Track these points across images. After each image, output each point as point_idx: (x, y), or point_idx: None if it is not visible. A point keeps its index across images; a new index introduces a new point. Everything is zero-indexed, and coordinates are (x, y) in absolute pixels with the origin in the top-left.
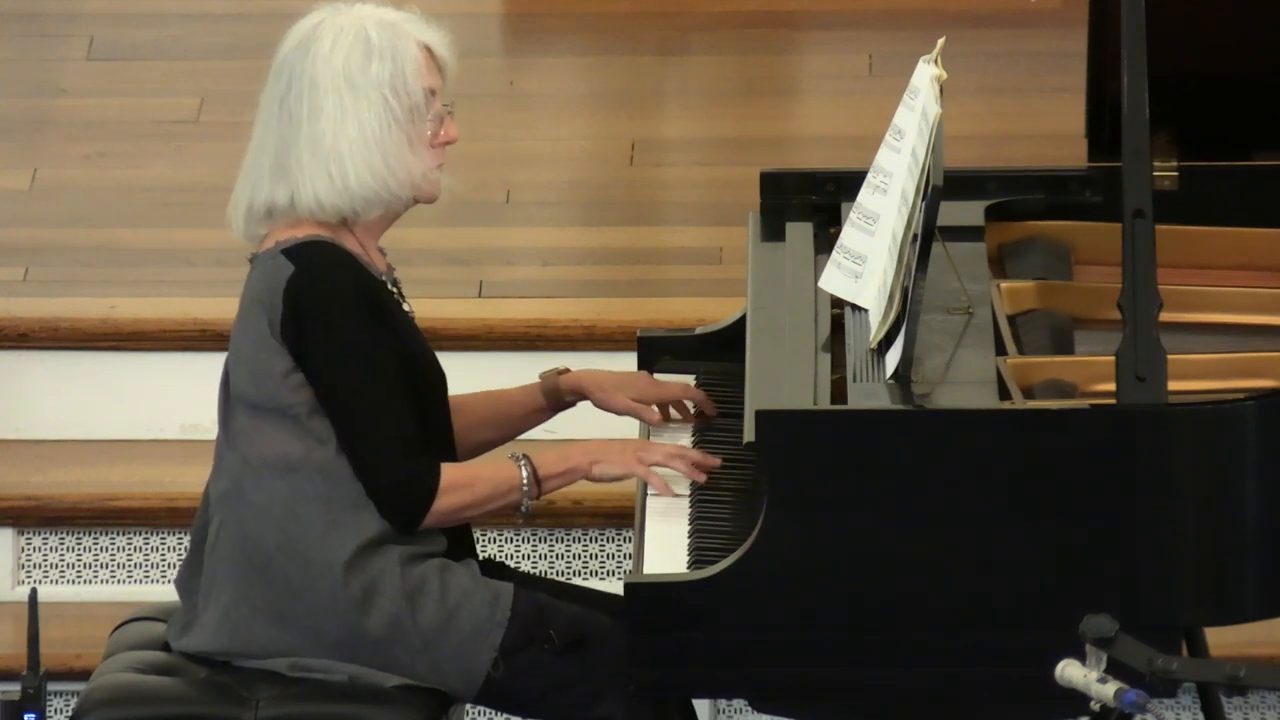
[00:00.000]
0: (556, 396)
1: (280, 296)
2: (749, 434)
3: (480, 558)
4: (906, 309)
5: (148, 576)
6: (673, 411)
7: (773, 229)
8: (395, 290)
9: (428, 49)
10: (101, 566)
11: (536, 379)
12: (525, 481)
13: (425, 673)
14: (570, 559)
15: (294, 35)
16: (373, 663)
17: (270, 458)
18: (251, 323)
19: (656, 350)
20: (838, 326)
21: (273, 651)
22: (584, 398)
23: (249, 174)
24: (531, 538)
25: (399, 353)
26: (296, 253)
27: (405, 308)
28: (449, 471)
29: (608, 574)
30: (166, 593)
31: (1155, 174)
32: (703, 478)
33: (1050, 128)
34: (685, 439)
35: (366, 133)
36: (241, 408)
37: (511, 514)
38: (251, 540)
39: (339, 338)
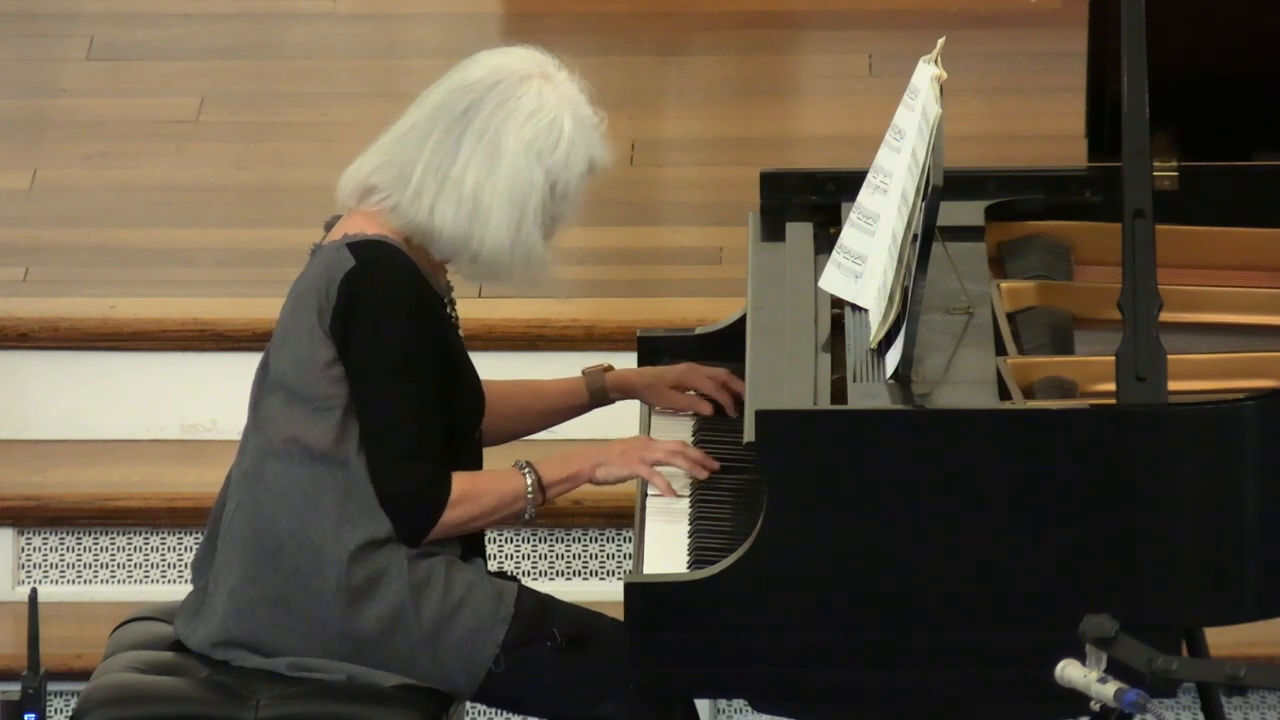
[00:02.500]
0: (602, 395)
1: (336, 287)
2: (749, 434)
3: (490, 569)
4: (906, 309)
5: (148, 576)
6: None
7: (773, 229)
8: (451, 311)
9: (591, 165)
10: (101, 566)
11: (579, 374)
12: (530, 489)
13: (427, 667)
14: (570, 559)
15: (497, 70)
16: (374, 657)
17: (295, 445)
18: (303, 310)
19: (656, 350)
20: (838, 326)
21: (276, 639)
22: (629, 397)
23: (390, 150)
24: (531, 538)
25: (444, 367)
26: (361, 249)
27: (460, 331)
28: (458, 484)
29: (608, 574)
30: (166, 593)
31: (1155, 174)
32: (704, 474)
33: (1050, 128)
34: (686, 438)
35: (524, 222)
36: (278, 392)
37: (514, 521)
38: (265, 522)
39: (383, 335)
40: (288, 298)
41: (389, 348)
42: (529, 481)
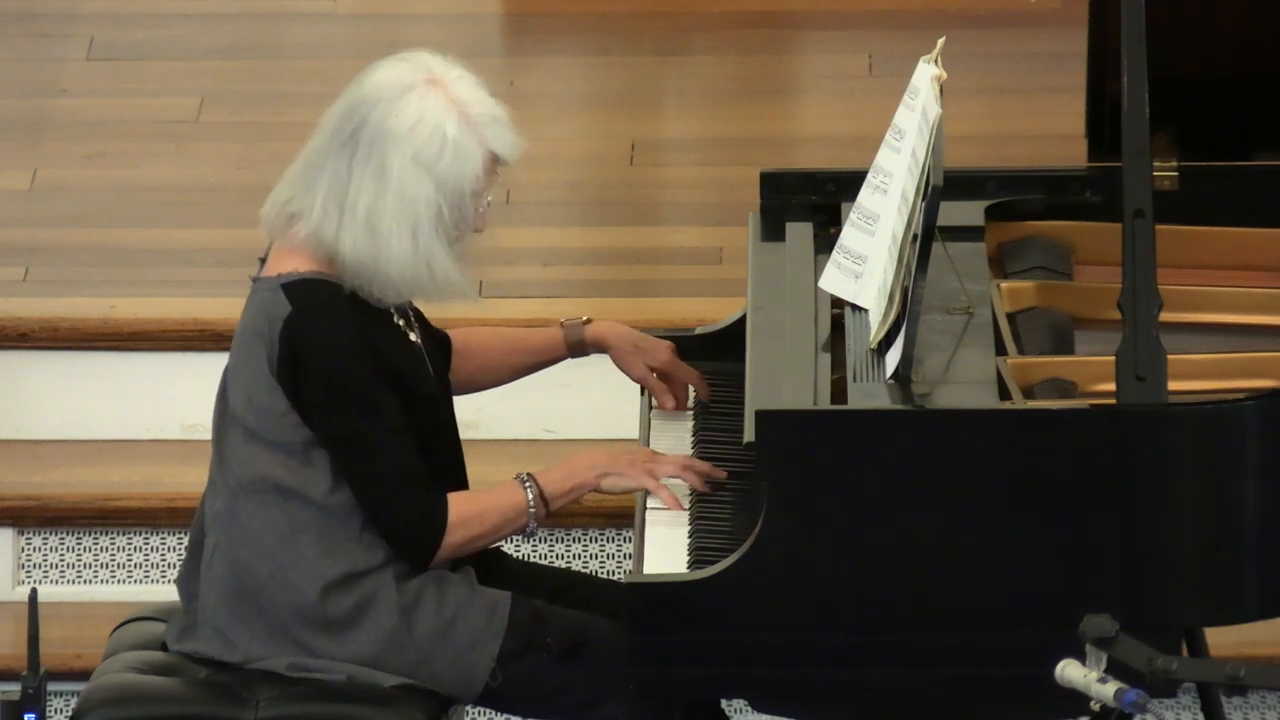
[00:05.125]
0: (580, 348)
1: (278, 334)
2: (749, 434)
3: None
4: (906, 309)
5: (148, 576)
6: (672, 400)
7: (773, 229)
8: (401, 322)
9: (494, 158)
10: (101, 566)
11: (558, 325)
12: (532, 504)
13: (423, 681)
14: (570, 559)
15: (380, 86)
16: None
17: (264, 485)
18: (251, 353)
19: None
20: (838, 326)
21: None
22: (605, 351)
23: (298, 181)
24: (531, 537)
25: (400, 385)
26: (296, 292)
27: (413, 337)
28: (457, 506)
29: (608, 574)
30: (166, 593)
31: (1155, 174)
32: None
33: (1050, 128)
34: (685, 438)
35: (419, 236)
36: (238, 430)
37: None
38: (244, 566)
39: (338, 384)
40: (238, 327)
41: (347, 392)
42: (530, 496)
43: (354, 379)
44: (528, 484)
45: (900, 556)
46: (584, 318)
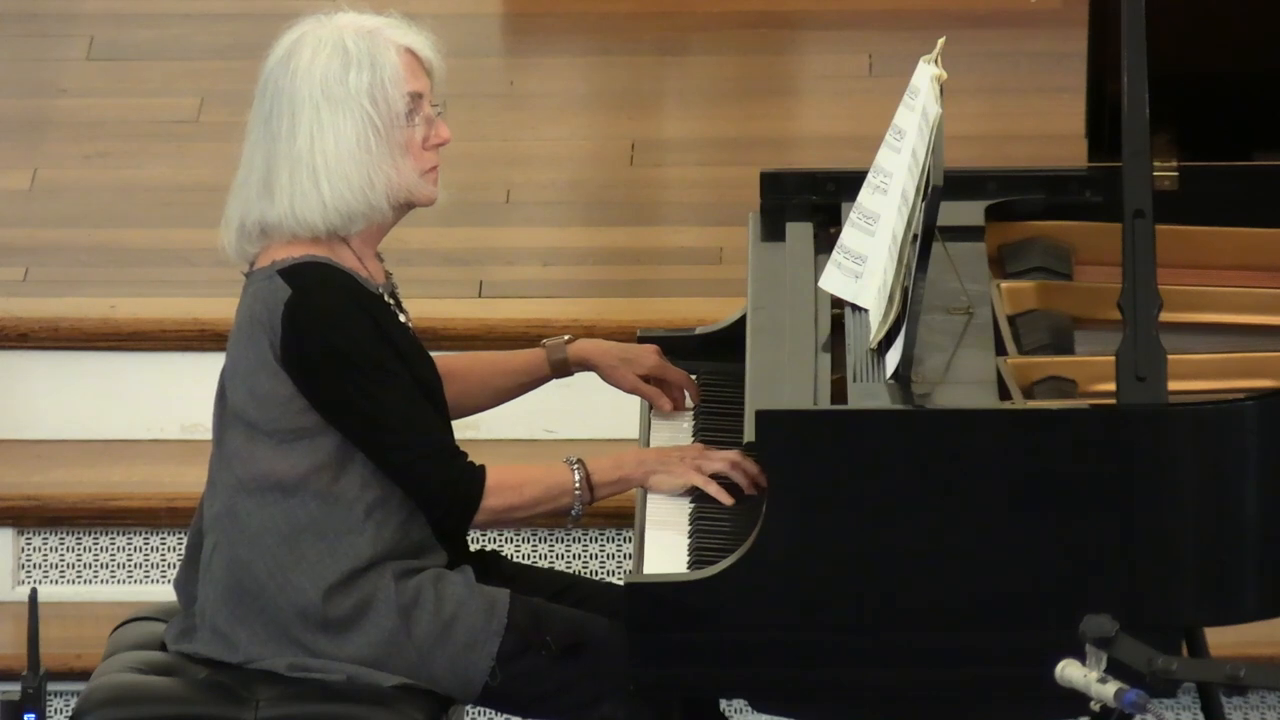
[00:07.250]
0: (564, 368)
1: (279, 319)
2: (749, 434)
3: (472, 548)
4: (906, 309)
5: (148, 576)
6: (669, 402)
7: (773, 229)
8: (392, 302)
9: (410, 52)
10: (101, 566)
11: (540, 345)
12: (578, 485)
13: (423, 682)
14: (570, 559)
15: (277, 51)
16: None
17: (266, 482)
18: (251, 343)
19: None
20: (838, 326)
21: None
22: (590, 370)
23: (239, 193)
24: (531, 538)
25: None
26: (293, 274)
27: (401, 319)
28: (496, 473)
29: (608, 574)
30: (166, 593)
31: (1155, 174)
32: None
33: (1050, 128)
34: (685, 438)
35: (343, 147)
36: (239, 426)
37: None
38: (243, 566)
39: (350, 359)
40: (234, 325)
41: (360, 365)
42: (577, 478)
43: (362, 350)
44: (575, 466)
45: (900, 556)
46: (565, 337)
